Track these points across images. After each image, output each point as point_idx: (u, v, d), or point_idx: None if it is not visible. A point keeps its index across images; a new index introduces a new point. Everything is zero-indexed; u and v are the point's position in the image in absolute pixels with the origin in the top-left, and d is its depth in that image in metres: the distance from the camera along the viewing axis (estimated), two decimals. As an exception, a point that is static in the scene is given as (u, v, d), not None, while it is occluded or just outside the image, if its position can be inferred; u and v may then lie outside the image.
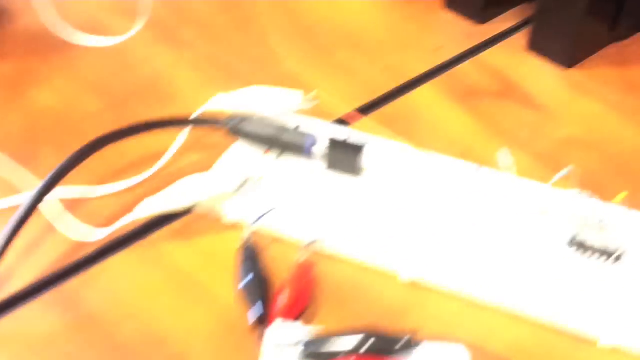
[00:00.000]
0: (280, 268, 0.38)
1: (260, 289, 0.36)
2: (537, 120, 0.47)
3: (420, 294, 0.38)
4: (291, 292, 0.36)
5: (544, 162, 0.45)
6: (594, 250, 0.38)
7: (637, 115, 0.48)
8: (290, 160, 0.42)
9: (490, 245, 0.38)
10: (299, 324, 0.34)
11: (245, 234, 0.39)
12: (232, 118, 0.42)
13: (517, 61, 0.51)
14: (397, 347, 0.32)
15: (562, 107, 0.48)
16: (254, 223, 0.39)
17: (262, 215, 0.39)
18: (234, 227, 0.40)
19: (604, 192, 0.43)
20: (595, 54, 0.52)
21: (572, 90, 0.50)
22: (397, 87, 0.49)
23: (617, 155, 0.46)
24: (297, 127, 0.42)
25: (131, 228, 0.39)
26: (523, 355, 0.36)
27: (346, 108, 0.46)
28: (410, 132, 0.46)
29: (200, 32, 0.52)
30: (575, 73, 0.51)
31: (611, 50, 0.52)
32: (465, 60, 0.51)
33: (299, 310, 0.36)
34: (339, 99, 0.47)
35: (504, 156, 0.41)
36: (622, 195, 0.38)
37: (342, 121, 0.46)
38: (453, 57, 0.51)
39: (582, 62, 0.51)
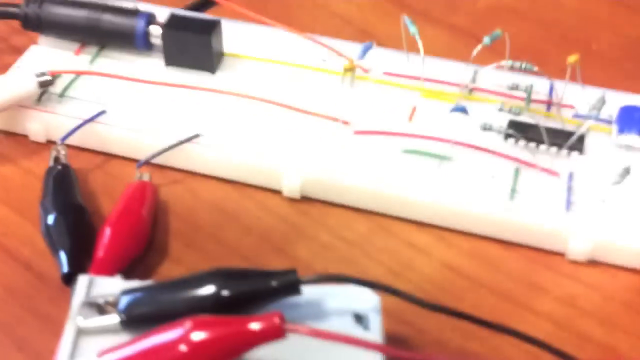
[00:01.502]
0: (109, 197, 0.27)
1: (67, 233, 0.24)
2: (451, -12, 0.37)
3: (314, 214, 0.27)
4: (115, 229, 0.24)
5: (465, 38, 0.34)
6: (544, 139, 0.27)
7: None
8: (117, 55, 0.30)
9: (396, 143, 0.28)
10: (118, 279, 0.22)
11: (53, 156, 0.27)
12: (27, 3, 0.30)
13: None
14: (275, 284, 0.21)
15: (482, -29, 0.38)
16: (64, 140, 0.27)
17: (80, 126, 0.27)
18: (40, 149, 0.28)
19: (546, 66, 0.32)
20: None
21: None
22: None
23: (555, 22, 0.35)
24: (124, 9, 0.30)
25: None
26: (465, 277, 0.25)
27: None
28: (287, 15, 0.35)
29: None
30: None
31: None
32: None
33: (127, 256, 0.24)
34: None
35: (408, 23, 0.30)
36: (574, 58, 0.28)
37: (196, 8, 0.34)
38: None
39: None
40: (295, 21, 0.35)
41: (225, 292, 0.21)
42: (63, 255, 0.24)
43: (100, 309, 0.21)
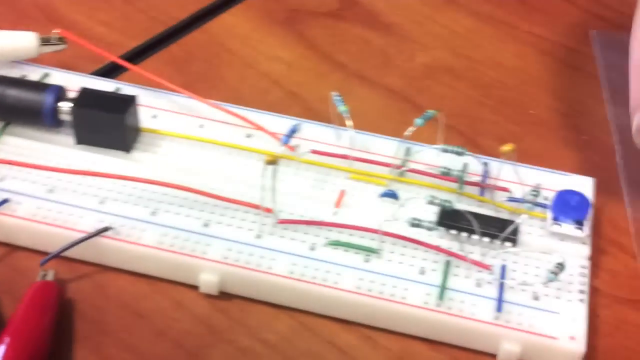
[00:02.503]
0: (12, 295, 0.25)
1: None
2: (387, 45, 0.35)
3: (233, 313, 0.25)
4: (10, 347, 0.22)
5: (399, 102, 0.33)
6: (476, 230, 0.26)
7: (515, 29, 0.36)
8: (24, 132, 0.28)
9: (322, 234, 0.26)
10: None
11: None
12: None
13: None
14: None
15: (420, 26, 0.36)
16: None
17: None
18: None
19: (482, 134, 0.31)
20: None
21: (433, 3, 0.37)
22: (193, 14, 0.35)
23: (493, 83, 0.34)
24: (31, 83, 0.28)
25: None
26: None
27: (119, 49, 0.33)
28: (214, 75, 0.33)
29: None
30: (432, -21, 0.38)
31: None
32: (286, -28, 0.38)
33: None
34: (109, 37, 0.34)
35: (337, 101, 0.28)
36: (508, 147, 0.26)
37: (111, 70, 0.32)
38: (270, -31, 0.38)
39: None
40: (222, 82, 0.33)
41: None
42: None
43: None
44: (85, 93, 0.27)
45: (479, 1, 0.37)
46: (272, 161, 0.24)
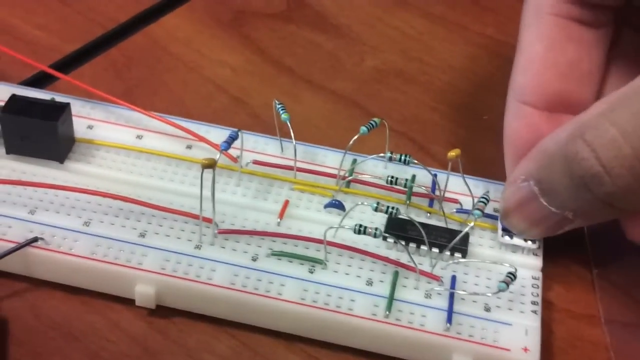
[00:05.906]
0: None
1: None
2: (336, 48, 0.34)
3: (171, 332, 0.24)
4: None
5: (348, 107, 0.32)
6: (425, 241, 0.25)
7: (467, 30, 0.35)
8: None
9: (264, 244, 0.25)
10: None
11: None
12: None
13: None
14: None
15: (370, 27, 0.35)
16: None
17: None
18: None
19: (433, 141, 0.31)
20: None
21: (384, 4, 0.36)
22: (135, 17, 0.34)
23: (445, 87, 0.33)
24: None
25: None
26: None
27: (56, 54, 0.32)
28: (155, 81, 0.32)
29: None
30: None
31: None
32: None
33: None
34: (46, 41, 0.32)
35: (279, 109, 0.27)
36: (454, 153, 0.25)
37: (44, 77, 0.31)
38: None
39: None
40: (163, 88, 0.32)
41: None
42: None
43: None
44: (15, 100, 0.26)
45: (430, 2, 0.36)
46: (209, 164, 0.23)
